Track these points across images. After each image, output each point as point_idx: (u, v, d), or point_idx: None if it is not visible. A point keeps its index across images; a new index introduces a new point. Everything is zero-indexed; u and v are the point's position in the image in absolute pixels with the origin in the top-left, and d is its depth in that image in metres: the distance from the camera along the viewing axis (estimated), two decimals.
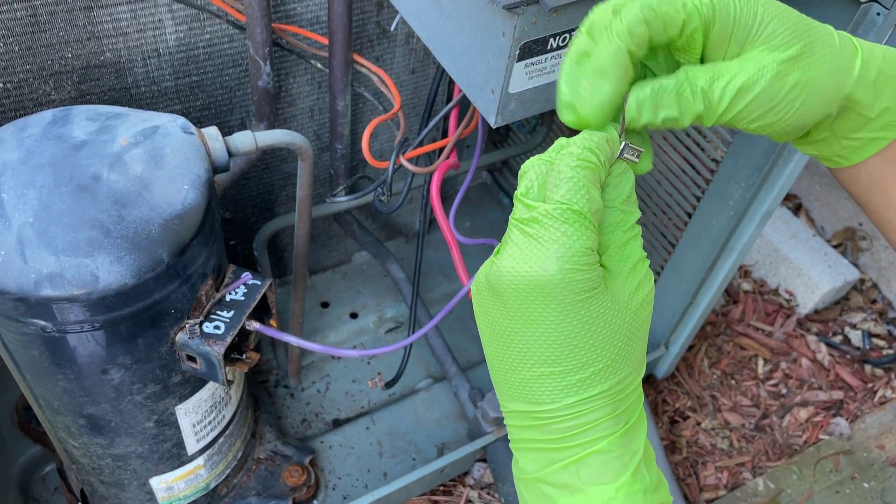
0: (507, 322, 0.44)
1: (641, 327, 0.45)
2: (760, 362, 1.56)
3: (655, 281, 1.30)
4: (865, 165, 0.52)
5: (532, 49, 0.69)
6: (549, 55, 0.71)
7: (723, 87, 0.44)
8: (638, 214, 0.45)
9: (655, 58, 0.48)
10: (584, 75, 0.44)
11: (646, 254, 0.45)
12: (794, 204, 1.82)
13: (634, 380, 0.45)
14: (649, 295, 0.45)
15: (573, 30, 0.70)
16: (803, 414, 1.49)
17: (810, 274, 1.61)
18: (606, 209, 0.44)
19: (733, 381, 1.53)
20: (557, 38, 0.69)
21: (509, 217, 0.45)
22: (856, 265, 1.71)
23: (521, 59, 0.69)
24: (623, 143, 0.46)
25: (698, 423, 1.46)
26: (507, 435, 1.32)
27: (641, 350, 0.46)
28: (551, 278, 0.41)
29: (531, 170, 0.44)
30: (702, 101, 0.45)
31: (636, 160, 0.46)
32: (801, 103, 0.46)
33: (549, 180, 0.43)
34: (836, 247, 1.74)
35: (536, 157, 0.45)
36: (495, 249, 0.45)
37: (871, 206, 0.53)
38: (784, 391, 1.53)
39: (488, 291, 0.45)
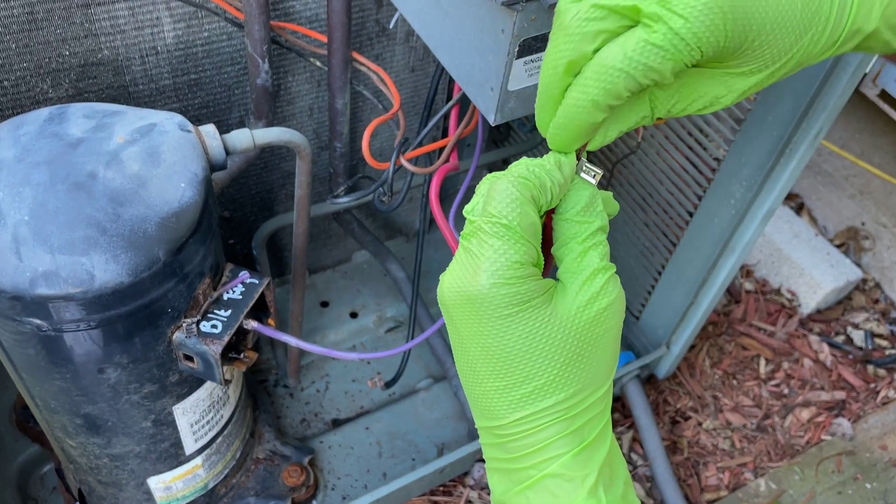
0: (455, 336, 0.45)
1: (596, 342, 0.43)
2: (762, 362, 1.56)
3: (657, 280, 1.29)
4: None
5: (531, 46, 0.68)
6: None
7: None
8: (599, 223, 0.44)
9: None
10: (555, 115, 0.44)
11: (609, 265, 0.44)
12: (796, 203, 1.81)
13: (590, 395, 0.44)
14: (609, 308, 0.43)
15: None
16: (805, 414, 1.48)
17: (812, 274, 1.60)
18: (562, 221, 0.44)
19: (735, 382, 1.52)
20: None
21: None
22: (858, 265, 1.71)
23: (520, 56, 0.69)
24: (579, 162, 0.46)
25: (700, 424, 1.45)
26: None
27: (600, 365, 0.44)
28: (478, 291, 0.41)
29: (482, 185, 0.45)
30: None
31: (593, 180, 0.47)
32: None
33: (488, 195, 0.43)
34: (838, 246, 1.73)
35: (492, 174, 0.45)
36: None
37: None
38: (786, 391, 1.52)
39: (441, 304, 0.45)
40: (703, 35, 0.39)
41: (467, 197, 1.66)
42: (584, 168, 0.47)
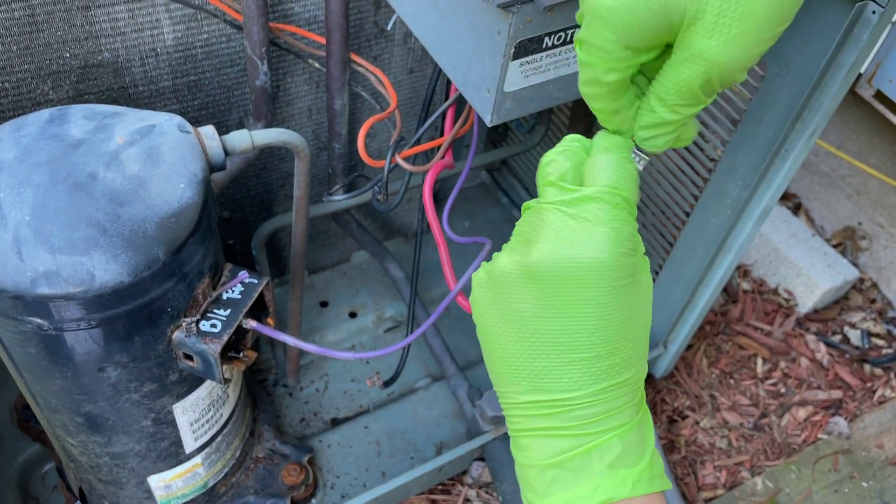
0: (538, 309, 0.43)
1: (648, 307, 0.46)
2: (759, 361, 1.56)
3: (654, 280, 1.30)
4: None
5: (527, 48, 0.69)
6: (544, 54, 0.71)
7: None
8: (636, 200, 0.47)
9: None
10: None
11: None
12: (793, 203, 1.82)
13: (645, 369, 0.46)
14: (649, 277, 0.47)
15: (568, 28, 0.70)
16: (802, 413, 1.49)
17: (810, 273, 1.61)
18: None
19: (732, 381, 1.53)
20: (552, 36, 0.70)
21: (536, 203, 0.44)
22: (855, 265, 1.71)
23: (516, 57, 0.69)
24: (634, 147, 0.48)
25: (697, 423, 1.46)
26: (506, 434, 1.33)
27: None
28: (604, 259, 0.41)
29: (560, 157, 0.45)
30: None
31: (640, 167, 0.48)
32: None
33: (591, 167, 0.43)
34: (835, 246, 1.74)
35: (555, 149, 0.46)
36: (508, 243, 0.45)
37: None
38: (783, 390, 1.52)
39: (521, 278, 0.43)
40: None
41: (466, 197, 1.66)
42: (635, 153, 0.48)
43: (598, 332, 0.42)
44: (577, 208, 0.42)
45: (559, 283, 0.42)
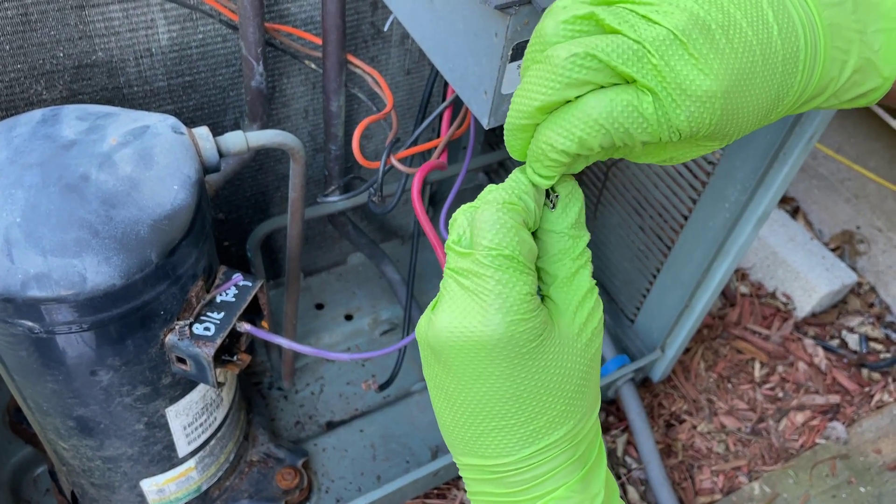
0: (450, 381, 0.41)
1: (593, 362, 0.42)
2: (757, 366, 1.56)
3: (652, 283, 1.29)
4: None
5: (525, 50, 0.68)
6: None
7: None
8: (587, 238, 0.42)
9: None
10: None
11: (595, 282, 0.42)
12: (791, 207, 1.81)
13: (590, 418, 0.43)
14: (599, 325, 0.42)
15: None
16: (800, 418, 1.48)
17: (808, 277, 1.60)
18: (553, 235, 0.42)
19: (730, 385, 1.53)
20: None
21: (445, 268, 0.41)
22: (853, 269, 1.71)
23: (513, 59, 0.69)
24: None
25: (694, 427, 1.46)
26: None
27: (595, 386, 0.43)
28: (492, 334, 0.38)
29: (461, 216, 0.41)
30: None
31: (552, 205, 0.43)
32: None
33: (473, 227, 0.39)
34: (833, 250, 1.73)
35: (467, 204, 0.42)
36: (432, 302, 0.42)
37: None
38: (781, 395, 1.52)
39: (428, 350, 0.42)
40: (691, 126, 0.37)
41: (464, 198, 1.66)
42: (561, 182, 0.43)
43: (507, 403, 0.40)
44: (465, 278, 0.39)
45: (459, 358, 0.40)
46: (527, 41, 0.68)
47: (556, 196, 0.43)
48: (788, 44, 0.38)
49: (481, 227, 0.39)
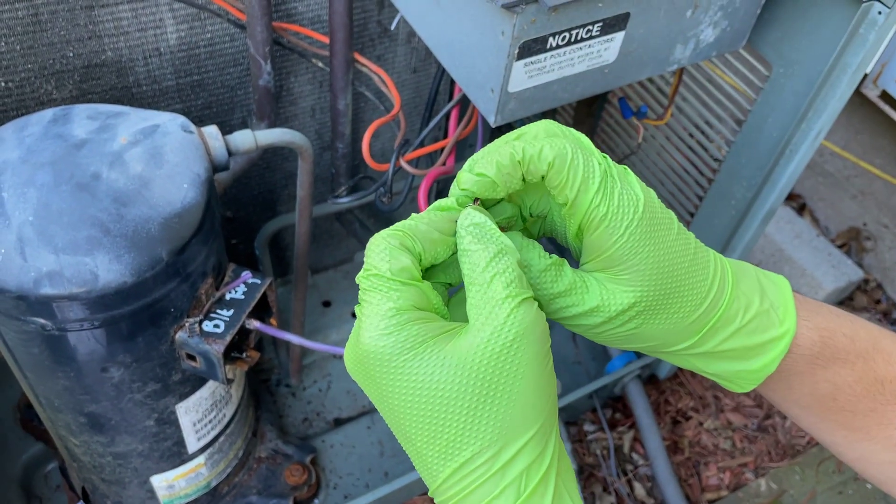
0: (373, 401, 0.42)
1: (508, 379, 0.38)
2: None
3: None
4: (768, 385, 0.48)
5: (531, 48, 0.69)
6: (548, 54, 0.71)
7: (560, 306, 0.43)
8: (496, 247, 0.40)
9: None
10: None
11: (520, 292, 0.39)
12: (798, 204, 1.81)
13: (516, 440, 0.39)
14: (519, 340, 0.38)
15: (572, 28, 0.70)
16: None
17: (814, 274, 1.60)
18: (459, 255, 0.41)
19: None
20: (557, 36, 0.69)
21: None
22: (860, 265, 1.71)
23: (520, 57, 0.69)
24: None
25: (701, 424, 1.46)
26: None
27: (521, 405, 0.39)
28: (364, 350, 0.39)
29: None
30: (545, 303, 0.43)
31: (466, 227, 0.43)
32: (623, 340, 0.44)
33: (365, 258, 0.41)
34: (840, 247, 1.73)
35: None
36: None
37: (792, 415, 0.50)
38: None
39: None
40: None
41: None
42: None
43: (409, 416, 0.39)
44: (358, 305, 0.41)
45: (356, 378, 0.41)
46: (533, 39, 0.68)
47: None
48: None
49: (366, 256, 0.41)
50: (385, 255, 0.40)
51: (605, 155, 0.43)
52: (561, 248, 1.19)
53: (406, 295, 0.39)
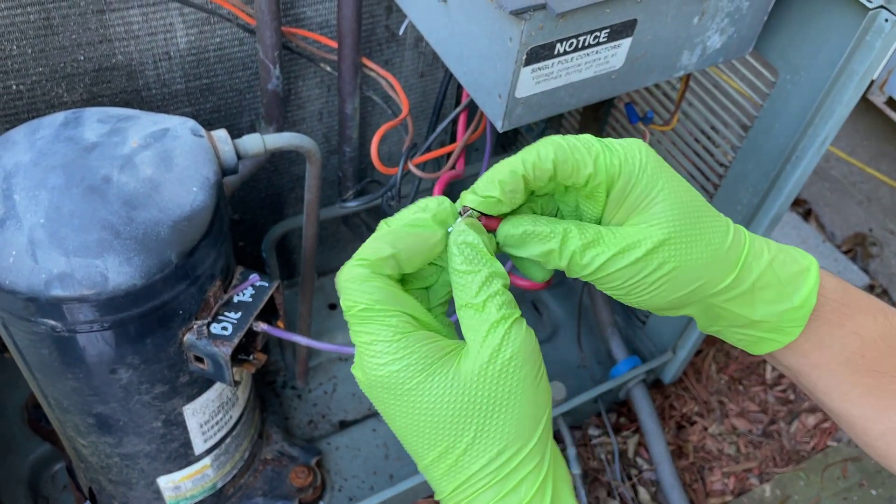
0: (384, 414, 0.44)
1: (510, 394, 0.41)
2: (768, 368, 1.56)
3: None
4: (779, 355, 0.48)
5: (539, 54, 0.69)
6: (556, 60, 0.71)
7: (592, 256, 0.44)
8: (487, 270, 0.41)
9: (565, 197, 0.47)
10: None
11: (510, 313, 0.41)
12: (804, 209, 1.81)
13: (519, 452, 0.41)
14: (515, 358, 0.40)
15: (580, 35, 0.70)
16: (811, 420, 1.48)
17: None
18: (451, 276, 0.43)
19: (741, 387, 1.53)
20: (564, 43, 0.70)
21: None
22: (866, 271, 1.70)
23: (528, 63, 0.69)
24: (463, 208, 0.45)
25: (705, 429, 1.46)
26: None
27: (522, 417, 0.41)
28: (374, 379, 0.41)
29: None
30: (567, 262, 0.44)
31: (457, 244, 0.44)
32: (665, 288, 0.44)
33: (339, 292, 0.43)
34: (846, 252, 1.73)
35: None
36: None
37: (803, 387, 0.51)
38: (792, 397, 1.52)
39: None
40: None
41: None
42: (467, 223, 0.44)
43: (420, 435, 0.41)
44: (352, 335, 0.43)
45: (372, 399, 0.43)
46: (541, 45, 0.69)
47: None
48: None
49: (340, 290, 0.42)
50: (362, 287, 0.41)
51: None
52: None
53: (397, 323, 0.41)
